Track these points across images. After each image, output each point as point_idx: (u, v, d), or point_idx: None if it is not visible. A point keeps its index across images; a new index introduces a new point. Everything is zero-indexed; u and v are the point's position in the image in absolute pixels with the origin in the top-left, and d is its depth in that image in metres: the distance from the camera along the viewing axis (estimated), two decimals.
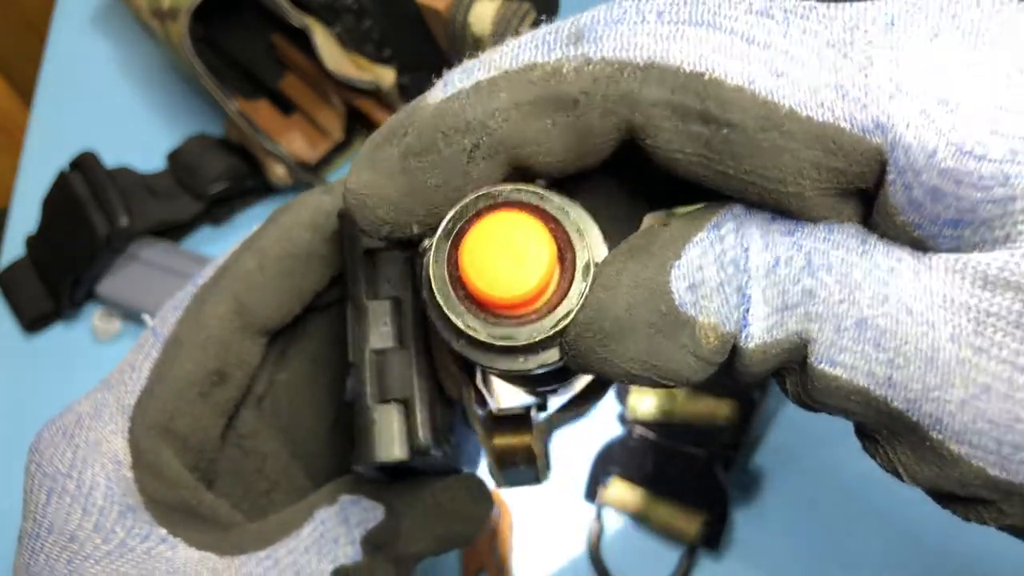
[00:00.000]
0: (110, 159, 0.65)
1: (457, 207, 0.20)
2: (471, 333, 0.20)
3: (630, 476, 0.55)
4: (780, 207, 0.19)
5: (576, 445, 0.56)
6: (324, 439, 0.33)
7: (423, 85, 0.65)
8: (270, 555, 0.27)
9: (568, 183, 0.22)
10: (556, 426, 0.28)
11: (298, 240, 0.29)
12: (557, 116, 0.19)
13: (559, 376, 0.26)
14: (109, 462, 0.27)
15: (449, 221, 0.20)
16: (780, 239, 0.19)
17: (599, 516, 0.55)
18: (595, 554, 0.54)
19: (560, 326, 0.20)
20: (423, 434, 0.25)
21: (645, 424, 0.55)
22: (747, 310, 0.19)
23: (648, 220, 0.23)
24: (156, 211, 0.64)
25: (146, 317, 0.64)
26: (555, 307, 0.20)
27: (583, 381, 0.28)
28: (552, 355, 0.21)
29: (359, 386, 0.26)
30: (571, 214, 0.20)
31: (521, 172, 0.21)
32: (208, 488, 0.29)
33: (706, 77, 0.18)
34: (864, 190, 0.19)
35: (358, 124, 0.68)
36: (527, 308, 0.20)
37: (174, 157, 0.68)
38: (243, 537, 0.28)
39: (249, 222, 0.69)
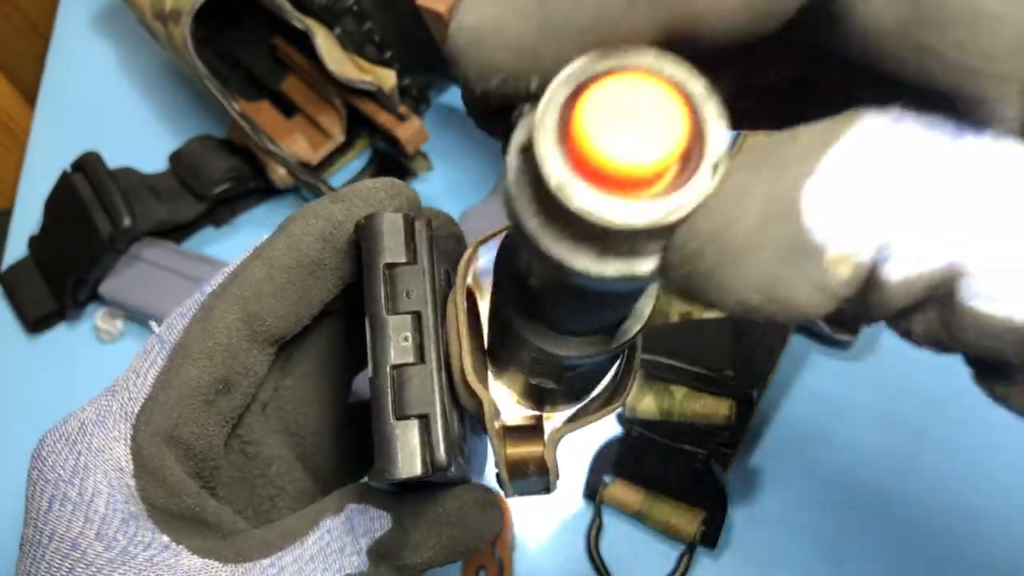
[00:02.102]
0: (113, 160, 0.65)
1: (590, 54, 0.17)
2: (560, 193, 0.16)
3: (629, 475, 0.55)
4: (960, 98, 0.16)
5: (575, 444, 0.56)
6: (330, 443, 0.33)
7: (424, 86, 0.66)
8: (274, 563, 0.27)
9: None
10: (564, 433, 0.28)
11: (308, 250, 0.28)
12: None
13: (582, 379, 0.25)
14: (112, 469, 0.27)
15: (577, 68, 0.17)
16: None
17: (598, 515, 0.55)
18: (594, 552, 0.54)
19: (670, 219, 0.16)
20: (442, 451, 0.25)
21: (644, 423, 0.55)
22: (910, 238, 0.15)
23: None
24: (158, 212, 0.65)
25: (152, 324, 0.64)
26: (670, 194, 0.16)
27: (587, 395, 0.29)
28: (637, 267, 0.17)
29: (379, 401, 0.26)
30: (713, 105, 0.17)
31: (682, 39, 0.17)
32: (212, 495, 0.29)
33: None
34: None
35: (359, 126, 0.68)
36: (634, 186, 0.16)
37: (176, 158, 0.68)
38: (247, 544, 0.28)
39: (251, 223, 0.69)
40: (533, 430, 0.28)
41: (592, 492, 0.56)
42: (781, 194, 0.15)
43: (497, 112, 0.19)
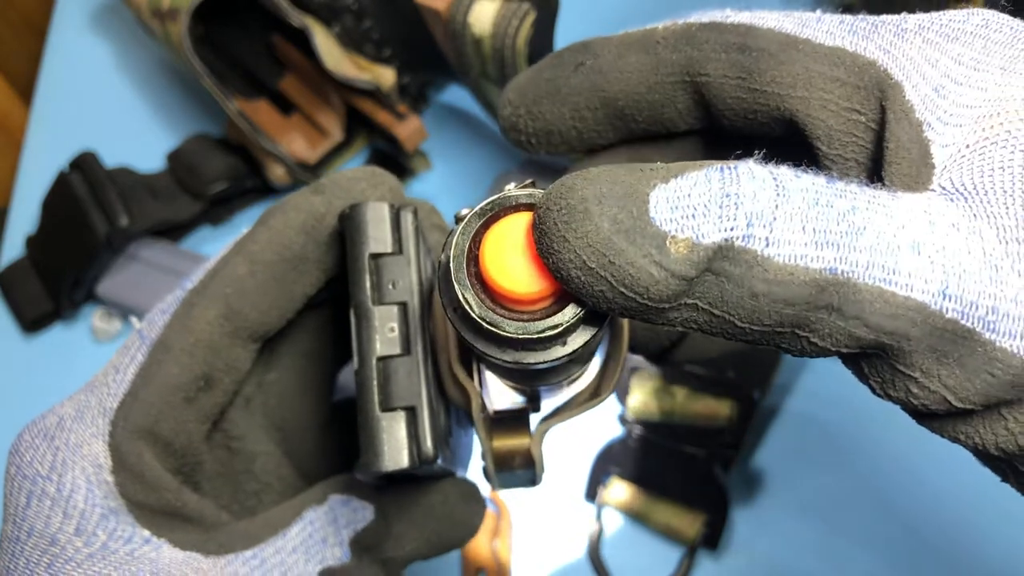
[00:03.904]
0: (110, 159, 0.65)
1: (502, 193, 0.22)
2: (465, 306, 0.21)
3: (630, 476, 0.55)
4: (796, 121, 0.24)
5: (576, 445, 0.56)
6: (316, 437, 0.33)
7: (423, 85, 0.65)
8: (256, 554, 0.27)
9: None
10: (551, 426, 0.28)
11: (290, 244, 0.28)
12: (641, 55, 0.26)
13: (538, 376, 0.26)
14: (90, 465, 0.26)
15: (489, 202, 0.21)
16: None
17: (599, 516, 0.55)
18: (595, 554, 0.54)
19: (545, 335, 0.20)
20: (429, 443, 0.25)
21: (645, 424, 0.55)
22: (770, 227, 0.19)
23: None
24: (156, 211, 0.64)
25: (133, 320, 0.64)
26: (546, 317, 0.21)
27: (574, 387, 0.28)
28: (530, 357, 0.21)
29: (364, 393, 0.25)
30: None
31: (607, 103, 0.27)
32: (195, 490, 0.29)
33: (747, 24, 0.25)
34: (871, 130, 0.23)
35: (357, 124, 0.68)
36: (522, 307, 0.21)
37: (174, 157, 0.68)
38: (230, 536, 0.27)
39: (248, 222, 0.68)
40: (520, 423, 0.28)
41: (593, 494, 0.55)
42: (627, 182, 0.19)
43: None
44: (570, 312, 0.20)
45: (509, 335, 0.21)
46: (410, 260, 0.27)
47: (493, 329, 0.21)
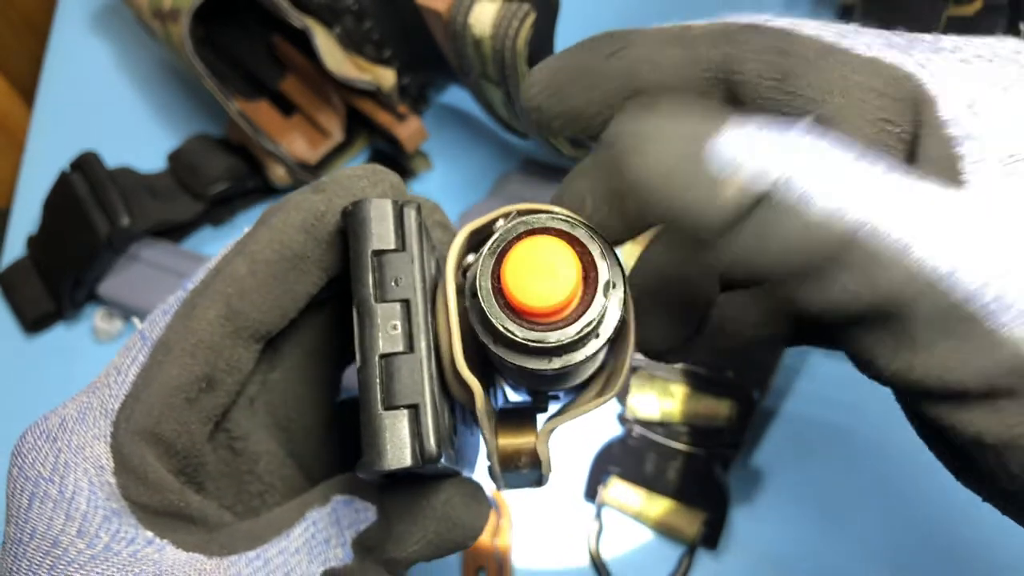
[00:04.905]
0: (111, 159, 0.65)
1: (501, 231, 0.24)
2: (508, 335, 0.24)
3: (630, 476, 0.55)
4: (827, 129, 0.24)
5: (576, 445, 0.56)
6: (320, 437, 0.33)
7: (423, 86, 0.66)
8: (260, 555, 0.27)
9: None
10: (557, 425, 0.28)
11: (290, 243, 0.28)
12: (678, 48, 0.26)
13: (567, 380, 0.27)
14: (91, 467, 0.26)
15: (495, 242, 0.24)
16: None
17: (599, 516, 0.55)
18: (595, 554, 0.54)
19: (583, 333, 0.23)
20: (432, 441, 0.25)
21: (645, 424, 0.55)
22: (813, 177, 0.21)
23: None
24: (157, 211, 0.64)
25: (135, 320, 0.64)
26: (579, 317, 0.23)
27: (588, 393, 0.28)
28: (574, 356, 0.24)
29: (367, 391, 0.25)
30: (596, 241, 0.24)
31: (638, 93, 0.27)
32: (198, 491, 0.29)
33: (787, 29, 0.25)
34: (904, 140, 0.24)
35: (358, 125, 0.68)
36: (556, 317, 0.24)
37: (175, 157, 0.68)
38: (233, 537, 0.27)
39: (249, 222, 0.68)
40: (525, 421, 0.28)
41: (593, 493, 0.55)
42: (696, 123, 0.22)
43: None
44: (597, 307, 0.24)
45: (553, 344, 0.23)
46: (413, 257, 0.26)
47: (539, 344, 0.24)
